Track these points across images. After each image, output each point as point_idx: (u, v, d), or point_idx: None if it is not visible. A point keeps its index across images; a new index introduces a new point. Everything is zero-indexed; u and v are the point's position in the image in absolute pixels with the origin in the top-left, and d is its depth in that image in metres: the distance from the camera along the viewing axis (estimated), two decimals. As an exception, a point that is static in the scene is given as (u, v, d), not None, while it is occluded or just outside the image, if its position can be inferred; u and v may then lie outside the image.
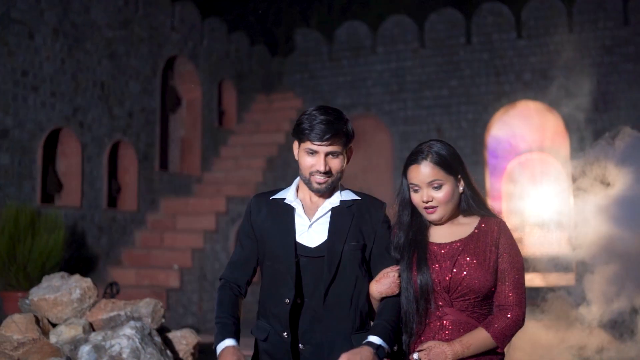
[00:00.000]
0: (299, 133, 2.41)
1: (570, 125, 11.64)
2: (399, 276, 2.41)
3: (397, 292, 2.41)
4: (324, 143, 2.36)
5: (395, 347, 2.41)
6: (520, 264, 2.40)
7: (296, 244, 2.44)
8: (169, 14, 11.19)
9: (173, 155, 11.73)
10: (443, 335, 2.36)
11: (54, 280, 4.75)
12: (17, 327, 4.24)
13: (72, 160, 9.22)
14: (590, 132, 11.13)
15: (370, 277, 2.48)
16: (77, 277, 4.74)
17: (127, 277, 9.32)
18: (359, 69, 13.24)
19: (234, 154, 12.38)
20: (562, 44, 11.62)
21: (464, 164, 2.46)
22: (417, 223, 2.49)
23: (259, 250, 2.52)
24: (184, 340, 4.85)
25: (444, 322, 2.38)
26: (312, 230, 2.46)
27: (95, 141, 9.48)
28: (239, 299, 2.48)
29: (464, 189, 2.47)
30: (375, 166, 13.07)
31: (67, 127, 9.04)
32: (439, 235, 2.47)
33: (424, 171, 2.39)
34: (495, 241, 2.39)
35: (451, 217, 2.47)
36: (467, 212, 2.49)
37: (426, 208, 2.41)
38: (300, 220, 2.48)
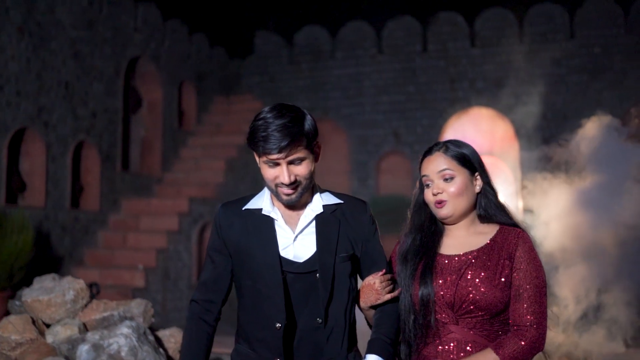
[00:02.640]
0: (253, 145, 2.15)
1: (519, 132, 12.20)
2: (383, 282, 2.25)
3: (384, 300, 2.24)
4: (282, 154, 2.10)
5: None
6: (540, 280, 2.15)
7: (281, 259, 2.19)
8: (132, 14, 11.20)
9: (134, 156, 11.74)
10: (447, 355, 2.17)
11: (46, 282, 4.84)
12: (14, 327, 4.32)
13: (36, 160, 9.16)
14: (539, 139, 11.70)
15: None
16: (69, 278, 4.84)
17: (91, 277, 9.30)
18: (318, 73, 13.50)
19: (194, 155, 12.46)
20: (513, 54, 12.16)
21: (483, 162, 2.30)
22: (430, 229, 2.32)
23: (235, 268, 2.27)
24: (172, 338, 5.01)
25: (448, 341, 2.17)
26: (297, 242, 2.22)
27: (60, 141, 9.44)
28: (207, 337, 2.24)
29: (482, 190, 2.29)
30: (332, 169, 13.35)
31: (32, 127, 8.98)
32: (451, 246, 2.28)
33: (436, 161, 2.26)
34: (510, 254, 2.17)
35: (466, 220, 2.29)
36: (485, 219, 2.29)
37: (436, 203, 2.25)
38: (282, 233, 2.23)
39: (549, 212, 5.75)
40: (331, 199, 2.31)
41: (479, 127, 12.92)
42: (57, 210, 9.32)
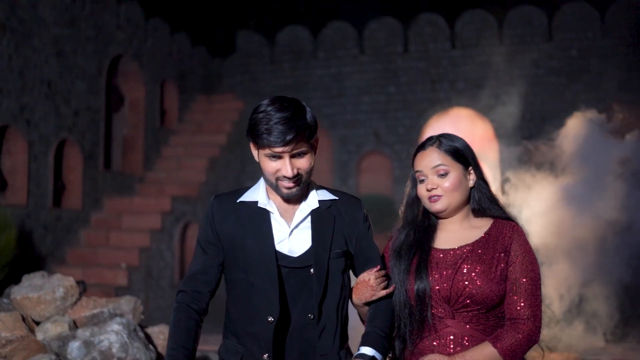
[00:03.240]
0: (256, 137, 2.12)
1: (499, 132, 12.39)
2: (377, 278, 2.24)
3: (379, 295, 2.23)
4: (287, 148, 2.08)
5: (390, 355, 2.28)
6: (535, 274, 2.17)
7: (276, 253, 2.17)
8: (115, 12, 11.17)
9: (116, 155, 11.71)
10: (444, 349, 2.16)
11: (35, 280, 4.86)
12: (4, 325, 4.34)
13: (18, 158, 9.11)
14: (518, 138, 11.89)
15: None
16: (58, 275, 4.86)
17: (74, 276, 9.11)
18: (299, 72, 13.58)
19: (176, 154, 12.46)
20: (493, 56, 12.36)
21: (476, 157, 2.30)
22: (423, 223, 2.33)
23: (226, 260, 2.23)
24: (161, 335, 5.05)
25: (445, 335, 2.17)
26: (292, 237, 2.21)
27: (42, 139, 9.40)
28: (196, 324, 2.18)
29: (475, 184, 2.28)
30: (314, 169, 13.45)
31: (14, 125, 8.93)
32: (445, 240, 2.28)
33: (430, 156, 2.25)
34: (505, 247, 2.18)
35: (459, 214, 2.29)
36: (479, 213, 2.29)
37: (430, 198, 2.25)
38: (278, 226, 2.21)
39: (531, 209, 5.86)
40: (326, 195, 2.29)
41: (459, 127, 13.07)
42: (39, 208, 9.28)
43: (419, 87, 12.91)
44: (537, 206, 5.86)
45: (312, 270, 2.16)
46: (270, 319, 2.11)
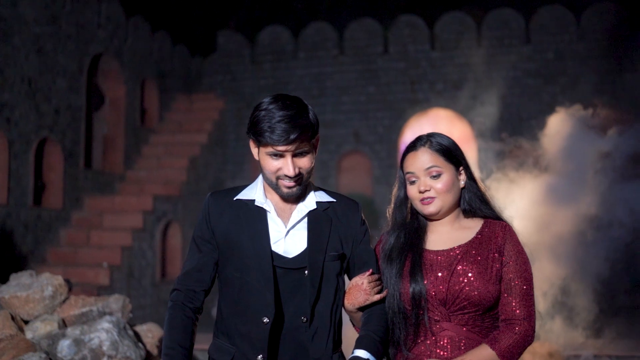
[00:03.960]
0: (257, 135, 2.07)
1: (477, 132, 12.57)
2: (371, 282, 2.20)
3: (372, 300, 2.19)
4: (290, 146, 2.06)
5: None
6: (528, 274, 2.17)
7: (272, 253, 2.14)
8: (96, 11, 11.13)
9: (96, 153, 11.66)
10: (441, 352, 2.13)
11: (23, 279, 4.85)
12: (-6, 323, 4.34)
13: (-2, 156, 9.06)
14: (496, 139, 12.08)
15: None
16: (47, 274, 4.86)
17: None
18: (280, 72, 13.64)
19: (156, 153, 12.45)
20: (471, 57, 12.54)
21: (464, 155, 2.27)
22: (412, 225, 2.28)
23: (221, 259, 2.20)
24: (149, 333, 5.09)
25: (442, 338, 2.14)
26: (288, 237, 2.17)
27: (22, 138, 9.34)
28: (192, 323, 2.15)
29: (465, 184, 2.25)
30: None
31: (-6, 123, 8.88)
32: (437, 241, 2.24)
33: (421, 158, 2.20)
34: (499, 247, 2.16)
35: (450, 215, 2.26)
36: (469, 213, 2.26)
37: (422, 200, 2.20)
38: (274, 226, 2.18)
39: (514, 205, 5.95)
40: (324, 197, 2.25)
41: (437, 128, 13.23)
42: (20, 207, 9.22)
43: (398, 88, 13.04)
44: (519, 203, 5.95)
45: (306, 271, 2.13)
46: (265, 319, 2.08)
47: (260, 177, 2.23)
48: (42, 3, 9.85)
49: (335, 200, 2.26)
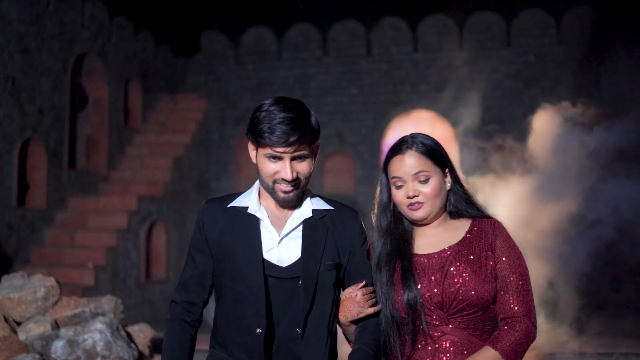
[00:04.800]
0: (257, 136, 2.03)
1: (458, 133, 12.73)
2: (365, 294, 2.14)
3: (366, 313, 2.13)
4: (289, 149, 2.01)
5: None
6: (523, 268, 2.11)
7: (264, 261, 2.09)
8: (79, 10, 11.09)
9: (80, 154, 11.63)
10: (444, 357, 2.07)
11: (15, 280, 4.88)
12: (-13, 324, 4.36)
13: (-18, 157, 9.01)
14: (477, 140, 12.25)
15: None
16: (39, 276, 4.90)
17: (39, 276, 9.22)
18: (264, 73, 13.69)
19: (140, 153, 12.44)
20: (453, 60, 12.69)
21: (448, 156, 2.23)
22: (398, 230, 2.22)
23: (215, 267, 2.16)
24: (141, 334, 5.14)
25: (443, 343, 2.07)
26: (282, 246, 2.12)
27: (6, 138, 9.29)
28: (190, 337, 2.14)
29: (451, 186, 2.20)
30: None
31: (-22, 123, 8.83)
32: (425, 244, 2.18)
33: (408, 162, 2.13)
34: (490, 245, 2.11)
35: (437, 218, 2.21)
36: (456, 215, 2.21)
37: (410, 205, 2.14)
38: (267, 234, 2.13)
39: (500, 202, 6.04)
40: (321, 205, 2.20)
41: (420, 129, 13.30)
42: (3, 208, 9.18)
43: (381, 89, 13.17)
44: (503, 201, 6.04)
45: (300, 281, 2.08)
46: (258, 331, 2.04)
47: (257, 183, 2.19)
48: (26, 2, 9.81)
49: (332, 208, 2.20)
